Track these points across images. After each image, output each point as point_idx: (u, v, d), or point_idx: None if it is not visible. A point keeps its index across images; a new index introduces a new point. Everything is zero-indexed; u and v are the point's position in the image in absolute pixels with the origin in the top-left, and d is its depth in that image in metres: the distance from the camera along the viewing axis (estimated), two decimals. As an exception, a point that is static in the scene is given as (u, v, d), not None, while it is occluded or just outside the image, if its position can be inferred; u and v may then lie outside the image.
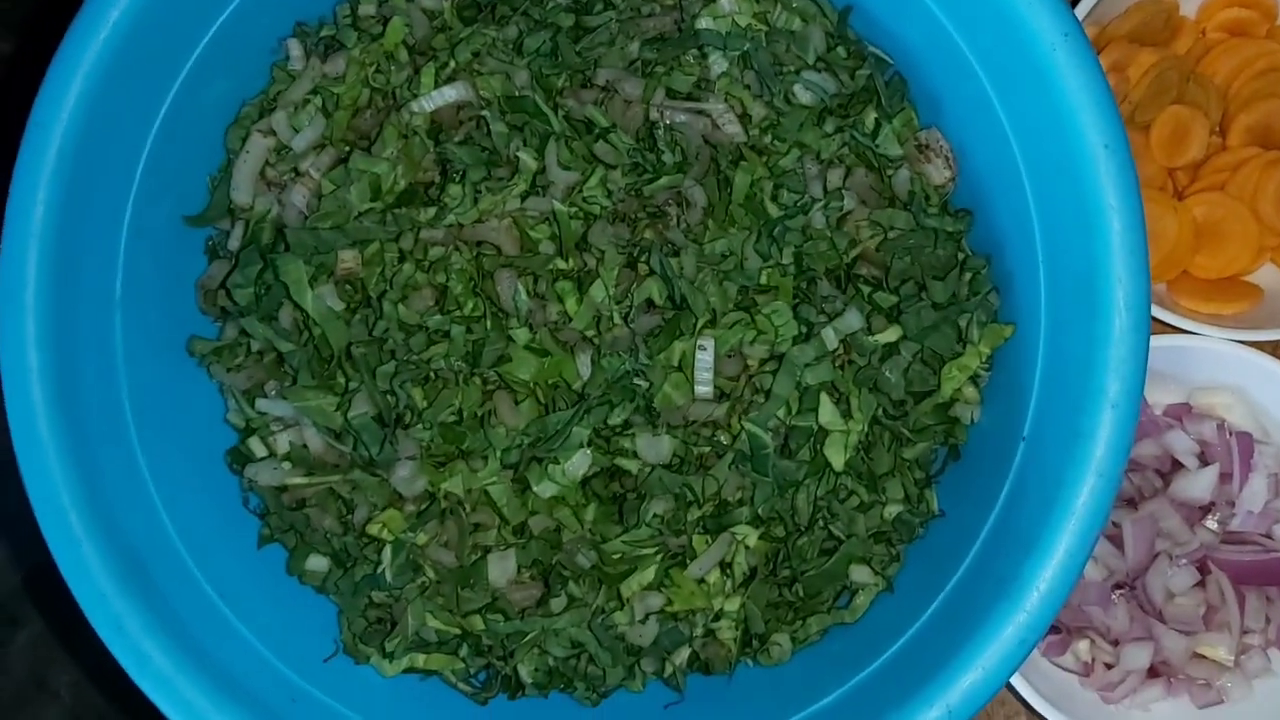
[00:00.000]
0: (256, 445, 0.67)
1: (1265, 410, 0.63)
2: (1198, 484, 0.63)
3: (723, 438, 0.68)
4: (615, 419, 0.65)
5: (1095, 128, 0.55)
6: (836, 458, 0.68)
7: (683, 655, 0.69)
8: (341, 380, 0.65)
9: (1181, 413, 0.65)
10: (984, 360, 0.69)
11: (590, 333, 0.65)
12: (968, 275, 0.69)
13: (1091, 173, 0.55)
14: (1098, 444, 0.59)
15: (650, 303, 0.66)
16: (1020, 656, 0.57)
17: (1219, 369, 0.64)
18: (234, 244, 0.65)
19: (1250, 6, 0.65)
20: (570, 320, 0.64)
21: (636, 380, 0.65)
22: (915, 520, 0.69)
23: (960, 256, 0.70)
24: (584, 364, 0.64)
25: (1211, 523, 0.64)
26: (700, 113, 0.69)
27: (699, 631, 0.70)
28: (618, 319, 0.64)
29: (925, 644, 0.63)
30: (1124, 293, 0.58)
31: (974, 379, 0.69)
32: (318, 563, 0.69)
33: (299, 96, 0.67)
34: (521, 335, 0.64)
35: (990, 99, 0.66)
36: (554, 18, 0.70)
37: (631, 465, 0.67)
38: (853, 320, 0.70)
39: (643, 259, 0.66)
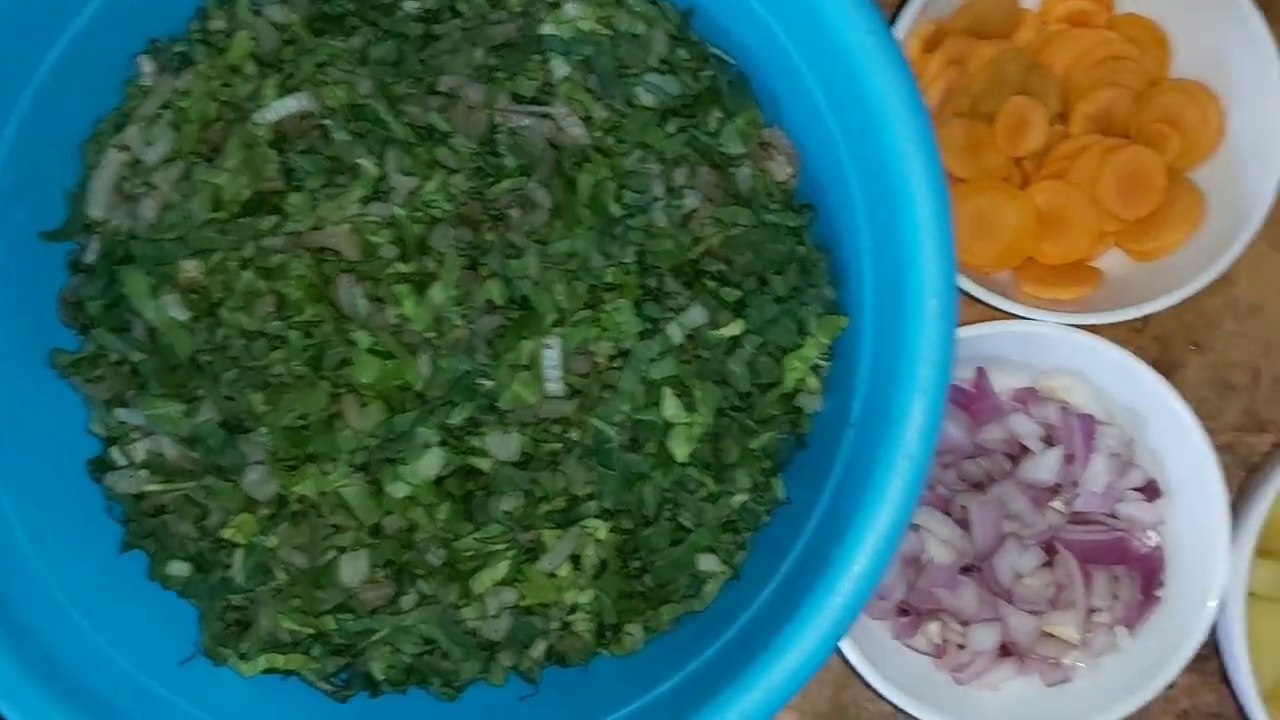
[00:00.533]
0: (116, 454, 0.70)
1: (1106, 392, 0.66)
2: (1042, 466, 0.66)
3: (573, 434, 0.71)
4: (456, 419, 0.68)
5: (900, 123, 0.57)
6: (680, 450, 0.72)
7: (539, 648, 0.73)
8: (189, 388, 0.69)
9: (1027, 397, 0.68)
10: (823, 351, 0.73)
11: (431, 334, 0.68)
12: (807, 269, 0.73)
13: (898, 167, 0.57)
14: (908, 428, 0.63)
15: (493, 304, 0.69)
16: (836, 636, 0.62)
17: (1061, 353, 0.67)
18: (90, 258, 0.69)
19: None
20: (410, 323, 0.67)
21: (481, 380, 0.69)
22: (761, 509, 0.73)
23: (801, 250, 0.74)
24: (425, 365, 0.67)
25: (1059, 504, 0.66)
26: (544, 116, 0.72)
27: (555, 625, 0.73)
28: (458, 320, 0.68)
29: (757, 627, 0.67)
30: (930, 283, 0.62)
31: (815, 369, 0.73)
32: (178, 568, 0.71)
33: (150, 111, 0.71)
34: (363, 339, 0.68)
35: (816, 98, 0.70)
36: (402, 27, 0.74)
37: (483, 463, 0.70)
38: (697, 315, 0.72)
39: (484, 261, 0.69)
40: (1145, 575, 0.71)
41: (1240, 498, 0.74)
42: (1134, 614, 0.71)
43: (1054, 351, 0.72)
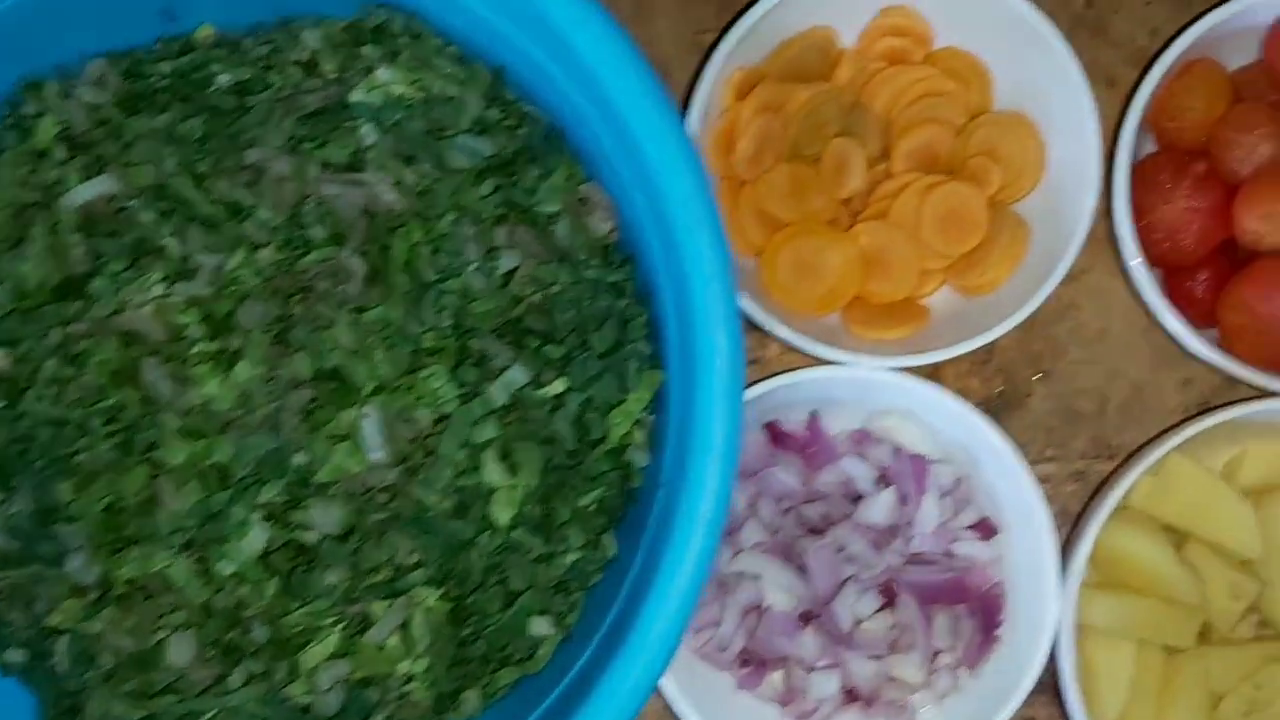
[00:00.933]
0: (-47, 544, 0.71)
1: (938, 431, 0.66)
2: (876, 508, 0.67)
3: (399, 503, 0.72)
4: (266, 497, 0.69)
5: (677, 179, 0.56)
6: (502, 515, 0.73)
7: None
8: (4, 479, 0.71)
9: (862, 438, 0.68)
10: (645, 405, 0.74)
11: (238, 412, 0.70)
12: (626, 323, 0.75)
13: (681, 226, 0.56)
14: (703, 494, 0.64)
15: (303, 377, 0.70)
16: (644, 692, 0.64)
17: (891, 395, 0.66)
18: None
19: (904, 34, 0.67)
20: (215, 402, 0.69)
21: (297, 454, 0.70)
22: (592, 568, 0.75)
23: (621, 304, 0.76)
24: (232, 444, 0.69)
25: (898, 545, 0.65)
26: (357, 184, 0.74)
27: (392, 695, 0.74)
28: (262, 398, 0.69)
29: (580, 682, 0.69)
30: (721, 341, 0.64)
31: (640, 424, 0.75)
32: (14, 655, 0.73)
33: (-41, 205, 0.73)
34: (170, 421, 0.69)
35: (615, 157, 0.72)
36: (216, 101, 0.76)
37: (310, 537, 0.71)
38: (518, 376, 0.73)
39: (291, 335, 0.70)
40: (985, 613, 0.72)
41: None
42: (975, 653, 0.72)
43: (884, 394, 0.72)
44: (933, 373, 0.85)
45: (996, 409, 0.85)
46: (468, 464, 0.74)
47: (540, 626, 0.75)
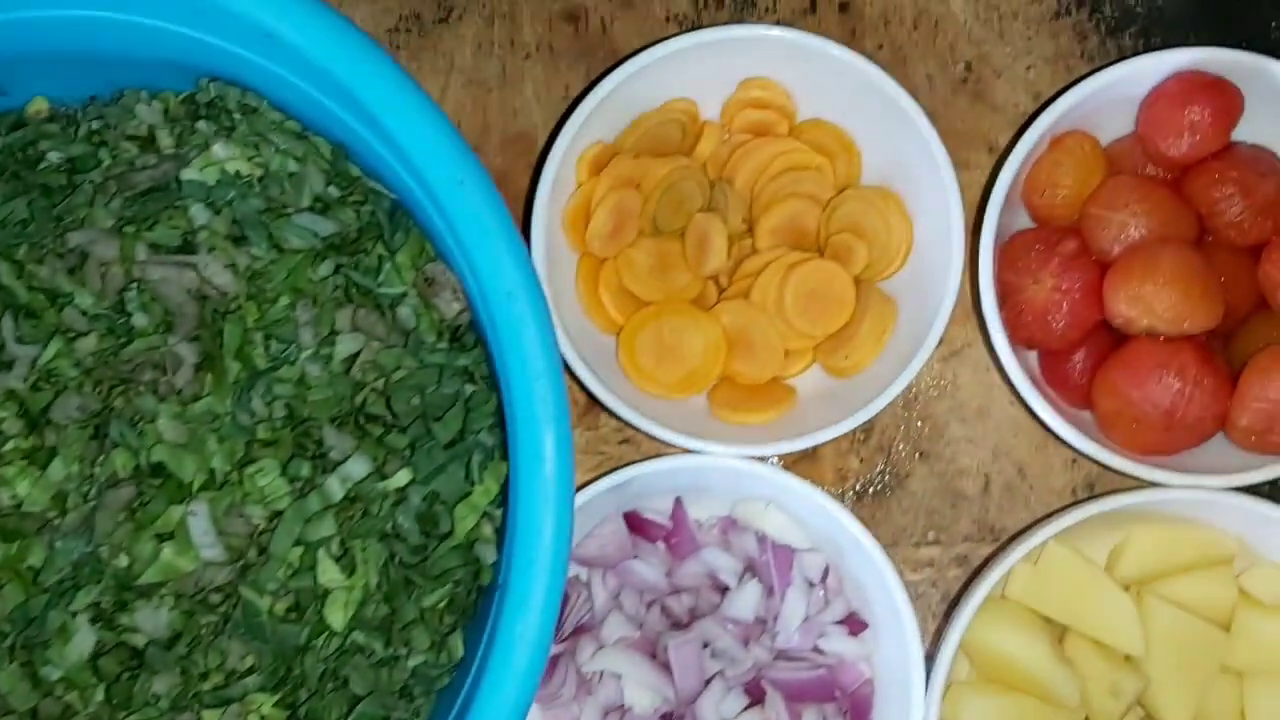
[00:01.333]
0: None
1: (804, 519, 0.62)
2: (741, 601, 0.63)
3: (231, 605, 0.69)
4: (84, 601, 0.67)
5: (496, 275, 0.54)
6: (336, 618, 0.71)
7: None
8: None
9: (728, 526, 0.64)
10: (493, 498, 0.72)
11: (53, 513, 0.67)
12: (473, 410, 0.73)
13: (503, 322, 0.53)
14: (529, 608, 0.62)
15: (121, 474, 0.67)
16: None
17: (751, 484, 0.63)
18: None
19: (766, 107, 0.64)
20: (26, 503, 0.67)
21: (118, 557, 0.67)
22: (436, 671, 0.73)
23: (470, 389, 0.74)
24: (44, 547, 0.67)
25: (767, 640, 0.61)
26: (188, 266, 0.72)
27: None
28: (77, 498, 0.67)
29: None
30: (547, 445, 0.62)
31: (488, 517, 0.72)
32: None
33: None
34: None
35: (448, 239, 0.69)
36: (45, 179, 0.74)
37: (138, 640, 0.69)
38: (357, 468, 0.71)
39: (110, 430, 0.68)
40: (856, 712, 0.69)
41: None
42: None
43: (748, 482, 0.68)
44: (811, 452, 0.82)
45: (876, 490, 0.83)
46: (302, 563, 0.71)
47: (381, 732, 0.71)
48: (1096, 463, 0.78)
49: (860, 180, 0.83)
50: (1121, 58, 0.81)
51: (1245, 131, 0.80)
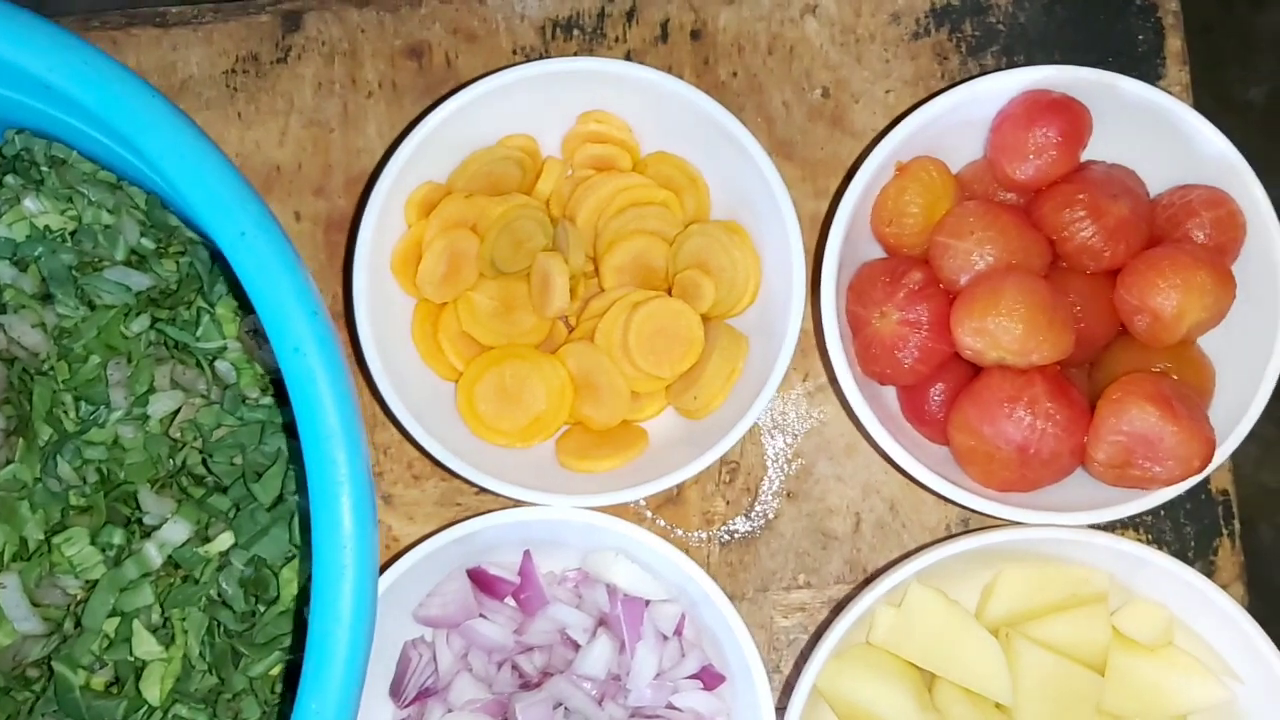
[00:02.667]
0: None
1: (655, 570, 0.58)
2: (593, 658, 0.59)
3: (46, 680, 0.67)
4: None
5: (281, 329, 0.52)
6: (153, 692, 0.68)
7: None
8: None
9: (580, 579, 0.60)
10: None
11: None
12: (289, 470, 0.71)
13: (292, 377, 0.60)
14: (325, 667, 0.57)
15: None
16: None
17: (599, 535, 0.61)
18: None
19: (609, 141, 0.61)
20: None
21: None
22: None
23: (293, 447, 0.71)
24: None
25: (622, 698, 0.58)
26: None
27: None
28: None
29: None
30: (345, 505, 0.57)
31: None
32: None
33: None
34: None
35: None
36: None
37: None
38: (176, 533, 0.69)
39: None
40: None
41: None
42: None
43: (597, 534, 0.65)
44: (676, 495, 0.79)
45: (744, 533, 0.79)
46: (118, 635, 0.68)
47: (207, 812, 0.67)
48: (952, 502, 0.75)
49: (710, 215, 0.80)
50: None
51: (1103, 150, 0.77)
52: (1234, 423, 0.72)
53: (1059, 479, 0.73)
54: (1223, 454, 0.72)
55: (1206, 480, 0.83)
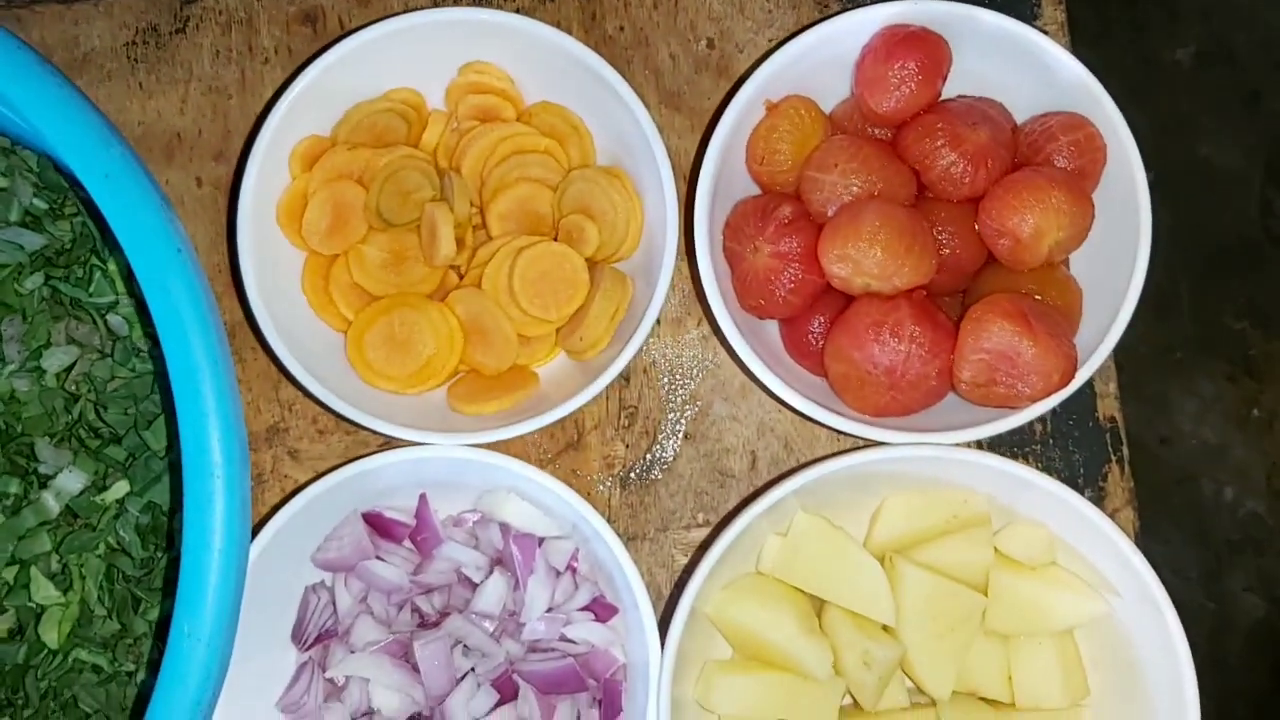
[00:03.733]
0: None
1: (545, 505, 0.60)
2: (487, 595, 0.61)
3: None
4: None
5: (149, 269, 0.51)
6: (51, 634, 0.70)
7: None
8: None
9: (473, 517, 0.61)
10: None
11: None
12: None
13: (159, 314, 0.51)
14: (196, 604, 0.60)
15: None
16: None
17: (492, 474, 0.65)
18: None
19: (491, 91, 0.63)
20: None
21: None
22: None
23: None
24: None
25: (518, 634, 0.60)
26: None
27: None
28: None
29: None
30: (213, 435, 0.59)
31: None
32: None
33: None
34: None
35: None
36: None
37: None
38: (72, 482, 0.71)
39: None
40: (608, 699, 0.68)
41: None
42: None
43: (490, 473, 0.67)
44: (575, 440, 0.80)
45: (643, 475, 0.80)
46: (17, 581, 0.69)
47: (111, 753, 0.69)
48: (826, 426, 0.76)
49: (594, 163, 0.81)
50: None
51: (969, 84, 0.78)
52: (1099, 341, 0.73)
53: (930, 402, 0.75)
54: (1087, 371, 0.73)
55: (1094, 408, 0.84)
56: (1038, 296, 0.74)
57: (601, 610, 0.77)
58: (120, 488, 0.72)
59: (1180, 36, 1.25)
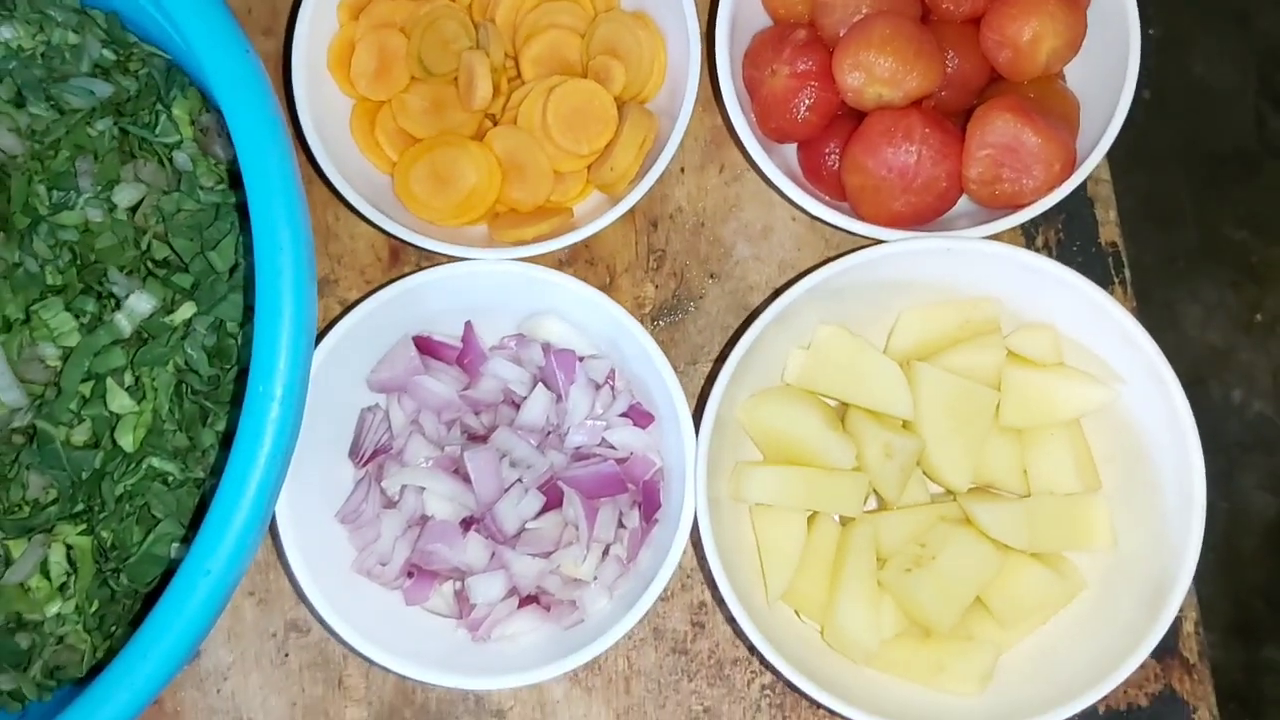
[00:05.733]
0: None
1: (585, 327, 0.65)
2: (532, 409, 0.65)
3: (33, 440, 0.74)
4: None
5: (253, 156, 0.67)
6: (126, 439, 0.75)
7: (35, 667, 0.75)
8: None
9: (515, 341, 0.66)
10: None
11: None
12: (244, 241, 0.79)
13: (249, 168, 0.67)
14: (259, 429, 0.65)
15: None
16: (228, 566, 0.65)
17: (537, 291, 0.68)
18: None
19: None
20: None
21: None
22: None
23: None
24: None
25: (562, 444, 0.65)
26: None
27: (48, 640, 0.74)
28: None
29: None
30: (284, 236, 0.65)
31: None
32: None
33: None
34: None
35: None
36: None
37: None
38: (142, 304, 0.75)
39: None
40: (647, 500, 0.73)
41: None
42: (638, 540, 0.70)
43: (535, 289, 0.71)
44: (607, 283, 0.85)
45: (671, 312, 0.86)
46: (93, 394, 0.74)
47: (184, 553, 0.73)
48: (846, 231, 0.80)
49: (618, 6, 0.86)
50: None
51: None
52: (1095, 143, 0.78)
53: (942, 207, 0.80)
54: (1087, 167, 0.78)
55: (1096, 235, 0.89)
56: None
57: (639, 416, 0.81)
58: (187, 309, 0.77)
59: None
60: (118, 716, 0.64)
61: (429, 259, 0.88)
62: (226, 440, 0.78)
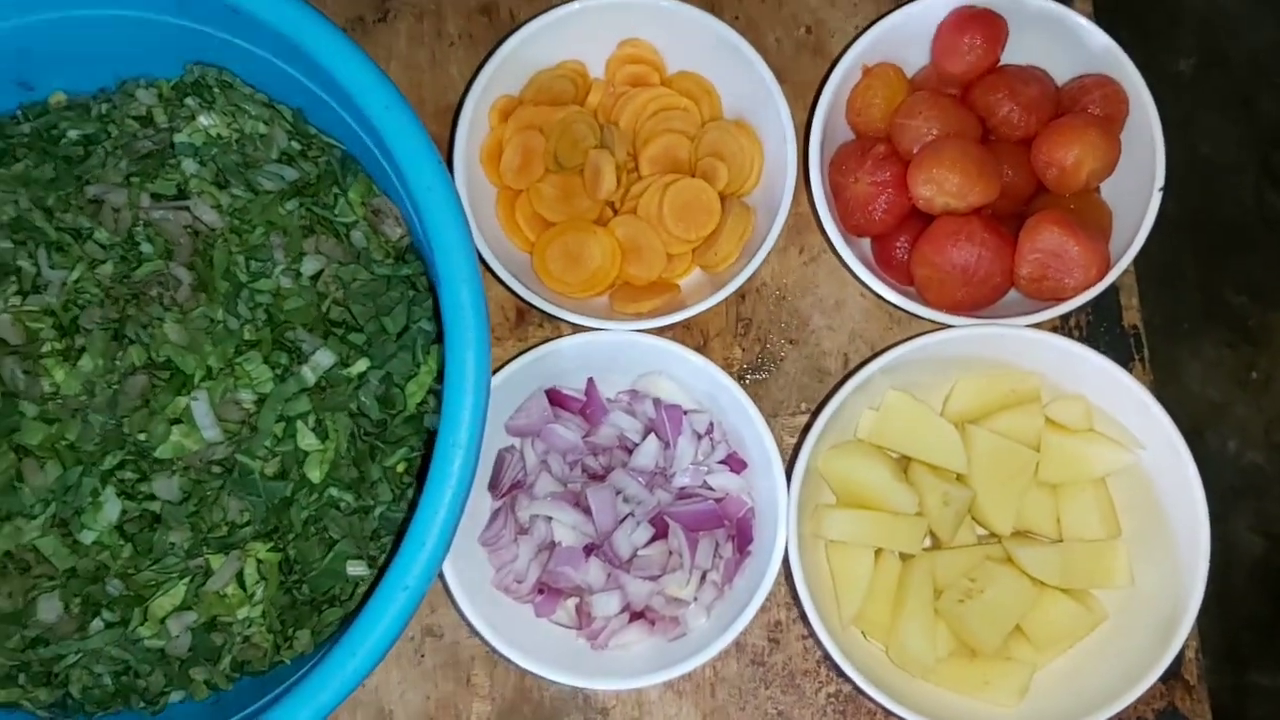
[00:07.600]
0: None
1: (690, 387, 0.80)
2: (644, 454, 0.80)
3: (229, 471, 0.88)
4: (110, 464, 0.84)
5: (418, 173, 0.73)
6: (314, 473, 0.91)
7: (225, 661, 0.78)
8: None
9: (631, 397, 0.81)
10: (435, 375, 0.91)
11: (84, 398, 0.86)
12: (414, 307, 0.81)
13: (425, 209, 0.72)
14: (446, 482, 0.78)
15: (137, 366, 0.86)
16: (418, 584, 0.77)
17: (649, 356, 0.81)
18: None
19: (642, 62, 0.84)
20: (62, 389, 0.85)
21: (138, 432, 0.85)
22: (398, 514, 0.93)
23: (411, 294, 0.95)
24: (79, 423, 0.85)
25: (667, 484, 0.79)
26: (182, 208, 0.87)
27: (236, 638, 0.89)
28: (102, 385, 0.85)
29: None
30: (470, 351, 0.78)
31: (434, 392, 0.91)
32: None
33: None
34: (28, 408, 0.85)
35: (397, 185, 0.89)
36: (65, 151, 0.96)
37: (156, 506, 0.86)
38: (324, 359, 0.91)
39: (127, 332, 0.87)
40: (740, 536, 0.86)
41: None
42: (733, 568, 0.84)
43: (647, 355, 0.86)
44: (701, 345, 1.00)
45: (755, 371, 1.00)
46: (284, 434, 0.88)
47: (357, 568, 0.88)
48: (909, 314, 0.96)
49: (720, 117, 1.02)
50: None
51: (1018, 56, 0.98)
52: (1124, 250, 0.93)
53: (995, 297, 0.95)
54: (1117, 270, 0.93)
55: (1120, 318, 1.05)
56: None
57: (735, 464, 0.96)
58: (361, 364, 0.91)
59: (1181, 48, 1.45)
60: (330, 702, 0.78)
61: (550, 322, 1.04)
62: (389, 473, 0.92)
